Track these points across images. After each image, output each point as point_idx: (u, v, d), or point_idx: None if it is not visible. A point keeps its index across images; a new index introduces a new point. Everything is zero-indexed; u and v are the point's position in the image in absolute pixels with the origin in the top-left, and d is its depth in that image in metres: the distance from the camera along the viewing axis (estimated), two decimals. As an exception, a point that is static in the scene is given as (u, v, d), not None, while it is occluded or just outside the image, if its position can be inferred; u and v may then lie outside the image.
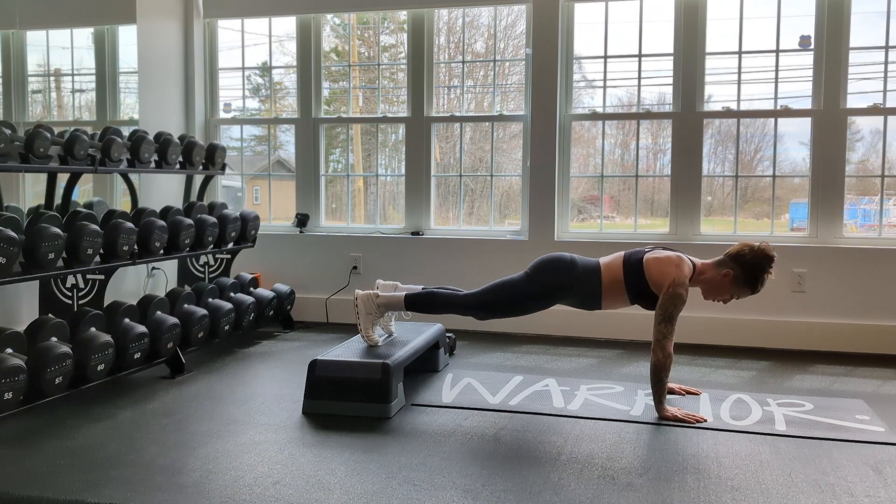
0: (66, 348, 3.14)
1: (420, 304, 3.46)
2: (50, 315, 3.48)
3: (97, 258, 3.58)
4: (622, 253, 3.32)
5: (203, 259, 4.88)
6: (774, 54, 4.63)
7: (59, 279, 3.73)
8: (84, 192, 4.68)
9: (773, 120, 4.69)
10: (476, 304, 3.37)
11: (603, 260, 3.34)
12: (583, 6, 4.86)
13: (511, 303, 3.33)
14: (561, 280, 3.28)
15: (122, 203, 4.78)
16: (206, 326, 4.05)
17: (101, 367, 3.31)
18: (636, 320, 4.55)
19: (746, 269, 3.17)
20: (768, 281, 3.19)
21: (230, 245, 4.60)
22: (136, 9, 4.86)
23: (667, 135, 4.85)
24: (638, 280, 3.21)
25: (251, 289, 4.75)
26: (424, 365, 3.86)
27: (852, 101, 4.51)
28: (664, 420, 3.09)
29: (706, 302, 4.54)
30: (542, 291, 3.30)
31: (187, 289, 4.29)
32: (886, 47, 4.47)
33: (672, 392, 3.45)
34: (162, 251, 3.98)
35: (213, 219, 4.34)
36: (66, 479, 2.48)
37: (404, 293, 3.49)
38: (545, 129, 4.85)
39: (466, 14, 5.24)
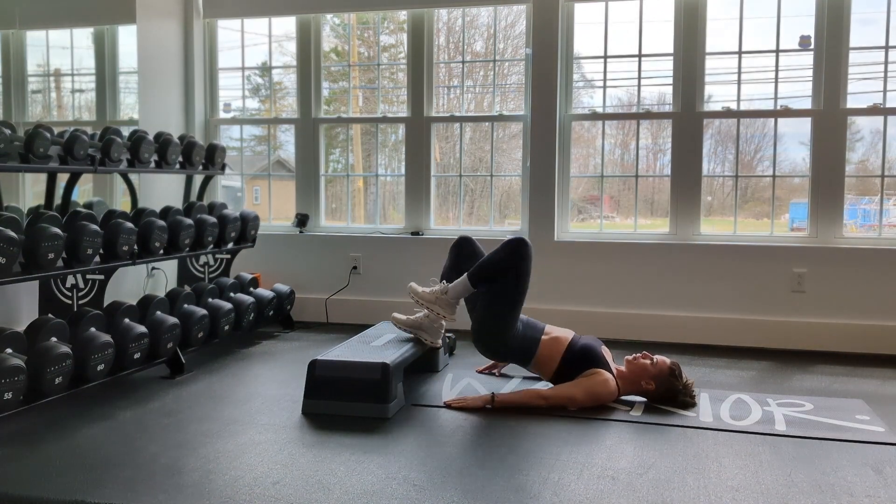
0: (66, 348, 3.14)
1: (482, 272, 3.42)
2: (50, 315, 3.48)
3: (97, 258, 3.57)
4: (571, 335, 3.46)
5: (203, 259, 4.88)
6: (774, 54, 4.63)
7: (58, 279, 3.73)
8: (84, 192, 4.68)
9: (773, 120, 4.69)
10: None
11: (549, 327, 3.51)
12: (583, 6, 4.86)
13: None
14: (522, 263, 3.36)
15: (122, 203, 4.77)
16: (206, 326, 4.05)
17: (101, 367, 3.31)
18: (636, 321, 4.55)
19: (662, 392, 3.27)
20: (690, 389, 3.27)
21: (230, 245, 4.60)
22: (136, 9, 4.86)
23: (667, 135, 4.85)
24: (571, 370, 3.34)
25: (251, 289, 4.75)
26: (424, 365, 3.86)
27: (852, 101, 4.51)
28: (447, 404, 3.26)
29: (707, 301, 4.55)
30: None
31: (187, 289, 4.29)
32: (886, 47, 4.47)
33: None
34: (162, 251, 3.98)
35: (213, 219, 4.34)
36: (66, 479, 2.48)
37: (465, 274, 3.47)
38: (545, 129, 4.85)
39: (466, 14, 5.24)
